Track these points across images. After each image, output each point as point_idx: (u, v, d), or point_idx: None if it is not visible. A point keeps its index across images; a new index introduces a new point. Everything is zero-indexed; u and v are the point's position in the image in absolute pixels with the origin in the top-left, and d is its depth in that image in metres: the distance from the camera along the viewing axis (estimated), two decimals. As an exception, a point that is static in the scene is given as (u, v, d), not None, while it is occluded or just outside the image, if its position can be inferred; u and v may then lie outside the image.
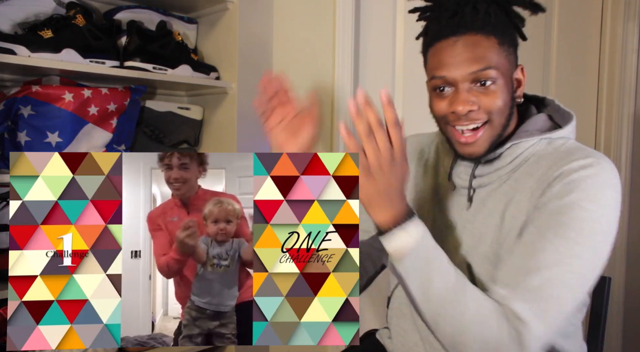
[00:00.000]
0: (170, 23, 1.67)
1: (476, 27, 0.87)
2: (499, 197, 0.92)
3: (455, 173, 0.99)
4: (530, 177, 0.89)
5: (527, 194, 0.87)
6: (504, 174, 0.92)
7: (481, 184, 0.95)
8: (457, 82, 0.87)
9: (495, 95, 0.87)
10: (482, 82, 0.86)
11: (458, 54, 0.86)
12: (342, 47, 1.66)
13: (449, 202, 1.00)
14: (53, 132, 1.36)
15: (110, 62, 1.44)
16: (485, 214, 0.93)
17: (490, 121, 0.88)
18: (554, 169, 0.86)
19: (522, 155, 0.91)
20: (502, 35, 0.88)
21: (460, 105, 0.87)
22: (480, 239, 0.92)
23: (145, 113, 1.64)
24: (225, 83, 1.67)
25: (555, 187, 0.84)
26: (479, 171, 0.95)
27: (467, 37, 0.87)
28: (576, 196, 0.82)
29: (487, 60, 0.86)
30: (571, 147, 0.90)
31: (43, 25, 1.35)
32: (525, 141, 0.91)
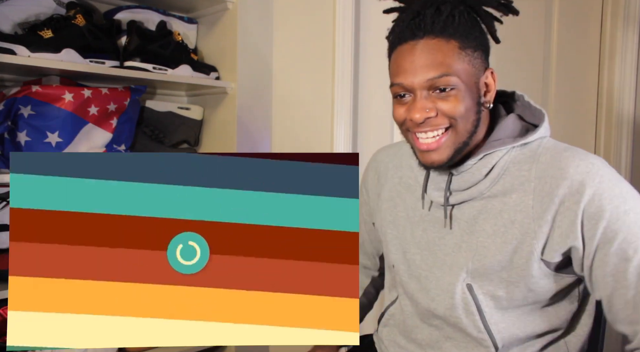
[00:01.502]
0: (170, 23, 1.67)
1: (435, 30, 0.83)
2: (493, 215, 0.88)
3: (429, 190, 0.95)
4: (524, 191, 0.86)
5: (530, 214, 0.85)
6: (485, 188, 0.89)
7: (461, 199, 0.91)
8: (414, 89, 0.84)
9: (455, 100, 0.83)
10: (441, 88, 0.83)
11: (415, 59, 0.83)
12: (342, 47, 1.66)
13: (431, 221, 0.96)
14: (53, 132, 1.36)
15: (110, 62, 1.44)
16: (483, 235, 0.89)
17: (452, 127, 0.85)
18: (550, 184, 0.83)
19: (499, 166, 0.88)
20: (465, 38, 0.84)
21: (417, 113, 0.83)
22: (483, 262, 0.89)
23: (145, 113, 1.63)
24: (225, 83, 1.67)
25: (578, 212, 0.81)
26: (455, 186, 0.91)
27: (426, 41, 0.83)
28: (611, 205, 0.80)
29: (446, 66, 0.82)
30: (550, 148, 0.87)
31: (43, 25, 1.35)
32: (499, 150, 0.88)
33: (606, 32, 2.27)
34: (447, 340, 0.95)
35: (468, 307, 0.90)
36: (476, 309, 0.90)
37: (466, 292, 0.90)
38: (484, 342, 0.90)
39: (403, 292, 1.02)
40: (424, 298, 0.96)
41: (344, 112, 1.71)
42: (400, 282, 1.01)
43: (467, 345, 0.93)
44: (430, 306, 0.95)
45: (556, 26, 2.13)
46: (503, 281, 0.88)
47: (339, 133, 1.73)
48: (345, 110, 1.71)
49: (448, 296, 0.92)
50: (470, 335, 0.91)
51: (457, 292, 0.91)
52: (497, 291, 0.89)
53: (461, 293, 0.91)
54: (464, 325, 0.91)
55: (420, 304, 0.97)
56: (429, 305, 0.95)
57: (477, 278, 0.90)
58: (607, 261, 0.82)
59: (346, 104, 1.70)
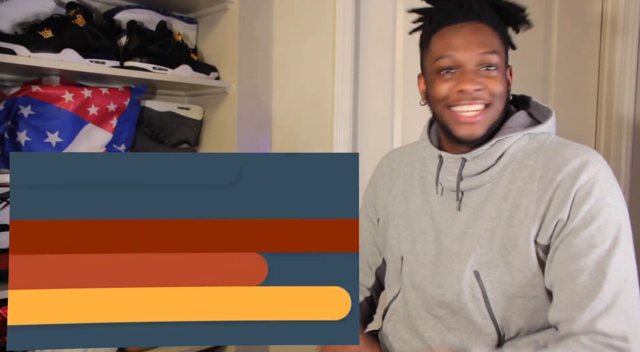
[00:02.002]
0: (170, 23, 1.67)
1: (483, 17, 0.92)
2: (498, 200, 0.92)
3: (441, 176, 0.99)
4: (529, 178, 0.90)
5: (534, 199, 0.88)
6: (495, 173, 0.93)
7: (472, 185, 0.95)
8: (464, 62, 0.90)
9: (497, 80, 0.91)
10: (486, 66, 0.90)
11: (466, 36, 0.91)
12: (342, 47, 1.66)
13: (441, 208, 0.99)
14: (53, 132, 1.36)
15: (110, 62, 1.44)
16: (487, 219, 0.93)
17: (491, 104, 0.91)
18: (553, 170, 0.88)
19: (509, 152, 0.93)
20: (501, 31, 0.94)
21: (469, 84, 0.89)
22: (490, 248, 0.92)
23: (145, 113, 1.64)
24: (225, 83, 1.67)
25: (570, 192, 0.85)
26: (467, 171, 0.95)
27: (474, 24, 0.91)
28: (598, 194, 0.85)
29: (493, 45, 0.91)
30: (556, 141, 0.94)
31: (43, 25, 1.35)
32: (510, 137, 0.93)
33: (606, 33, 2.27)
34: (450, 331, 0.96)
35: (474, 294, 0.92)
36: (482, 295, 0.92)
37: (473, 278, 0.92)
38: (488, 329, 0.92)
39: (409, 283, 1.03)
40: (431, 286, 0.98)
41: (344, 112, 1.71)
42: (409, 272, 1.03)
43: (470, 335, 0.94)
44: (437, 293, 0.96)
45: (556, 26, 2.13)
46: (509, 266, 0.90)
47: (339, 133, 1.73)
48: (345, 110, 1.71)
49: (456, 282, 0.94)
50: (475, 322, 0.92)
51: (465, 278, 0.93)
52: (503, 277, 0.91)
53: (469, 280, 0.93)
54: (469, 311, 0.92)
55: (428, 292, 0.98)
56: (436, 292, 0.97)
57: (484, 265, 0.92)
58: (574, 243, 0.85)
59: (346, 104, 1.70)
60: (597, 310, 0.82)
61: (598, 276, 0.83)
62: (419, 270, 1.00)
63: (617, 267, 0.83)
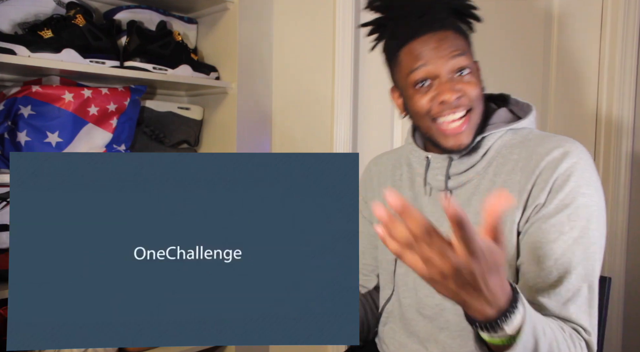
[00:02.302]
0: (170, 23, 1.67)
1: (447, 25, 0.91)
2: (484, 194, 0.93)
3: (429, 177, 1.00)
4: (512, 170, 0.91)
5: (517, 189, 0.90)
6: (481, 169, 0.94)
7: (460, 183, 0.96)
8: (439, 72, 0.90)
9: (473, 84, 0.91)
10: (461, 71, 0.90)
11: (436, 46, 0.90)
12: (342, 47, 1.66)
13: (431, 208, 1.00)
14: (53, 132, 1.36)
15: (110, 62, 1.44)
16: (473, 213, 0.93)
17: (472, 109, 0.91)
18: (535, 160, 0.89)
19: (494, 148, 0.94)
20: (465, 36, 0.94)
21: (449, 94, 0.89)
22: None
23: (145, 113, 1.64)
24: (225, 83, 1.67)
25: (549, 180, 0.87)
26: (454, 170, 0.96)
27: (441, 33, 0.91)
28: (575, 183, 0.86)
29: (461, 48, 0.91)
30: (539, 135, 0.94)
31: (43, 25, 1.35)
32: (493, 133, 0.94)
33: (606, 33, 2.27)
34: (441, 331, 0.96)
35: None
36: None
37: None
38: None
39: (404, 284, 1.03)
40: (424, 284, 0.97)
41: (344, 112, 1.71)
42: (402, 273, 1.03)
43: (460, 333, 0.94)
44: (429, 291, 0.97)
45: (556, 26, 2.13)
46: None
47: (339, 133, 1.73)
48: (345, 110, 1.71)
49: None
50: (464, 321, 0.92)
51: None
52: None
53: None
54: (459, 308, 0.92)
55: (421, 291, 0.99)
56: (429, 290, 0.97)
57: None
58: (543, 228, 0.86)
59: (346, 104, 1.70)
60: (563, 297, 0.83)
61: (563, 263, 0.84)
62: (410, 271, 1.00)
63: (583, 256, 0.85)
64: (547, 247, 0.86)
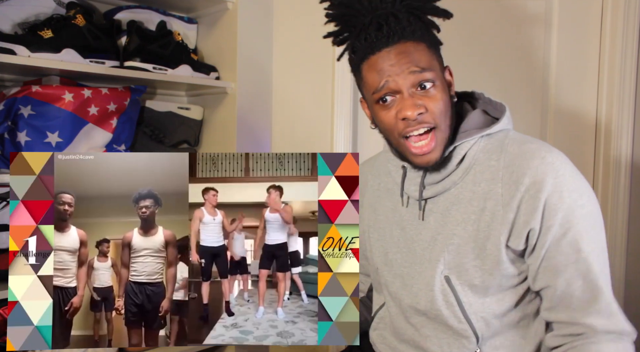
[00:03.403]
0: (170, 23, 1.67)
1: (406, 35, 0.88)
2: (464, 204, 0.92)
3: (406, 187, 0.99)
4: (492, 180, 0.90)
5: (500, 202, 0.88)
6: (457, 178, 0.93)
7: (435, 192, 0.95)
8: (400, 89, 0.88)
9: (436, 97, 0.88)
10: (422, 85, 0.88)
11: (395, 62, 0.87)
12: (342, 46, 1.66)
13: (409, 218, 1.00)
14: (53, 132, 1.36)
15: (110, 62, 1.44)
16: (454, 223, 0.93)
17: (437, 126, 0.89)
18: (517, 173, 0.88)
19: (469, 156, 0.93)
20: (428, 39, 0.90)
21: (410, 110, 0.87)
22: (458, 252, 0.92)
23: (145, 113, 1.63)
24: (225, 83, 1.67)
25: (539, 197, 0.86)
26: (429, 179, 0.95)
27: (399, 46, 0.88)
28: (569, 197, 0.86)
29: (423, 63, 0.88)
30: (516, 139, 0.92)
31: (43, 25, 1.35)
32: (467, 141, 0.93)
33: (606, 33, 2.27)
34: (428, 339, 0.97)
35: (447, 299, 0.93)
36: (455, 299, 0.92)
37: (444, 283, 0.93)
38: (465, 333, 0.92)
39: (388, 293, 1.04)
40: (407, 295, 0.98)
41: (344, 112, 1.71)
42: (385, 283, 1.04)
43: (448, 340, 0.94)
44: (412, 301, 0.97)
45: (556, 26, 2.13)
46: (478, 270, 0.91)
47: (339, 133, 1.73)
48: (345, 110, 1.71)
49: (428, 289, 0.94)
50: (452, 327, 0.93)
51: (437, 284, 0.93)
52: (473, 280, 0.91)
53: (440, 285, 0.93)
54: (445, 317, 0.93)
55: (404, 301, 0.99)
56: (411, 301, 0.97)
57: (453, 269, 0.93)
58: (560, 251, 0.86)
59: (346, 104, 1.70)
60: (605, 310, 0.86)
61: (592, 279, 0.86)
62: (395, 280, 1.01)
63: (603, 264, 0.87)
64: (571, 268, 0.86)
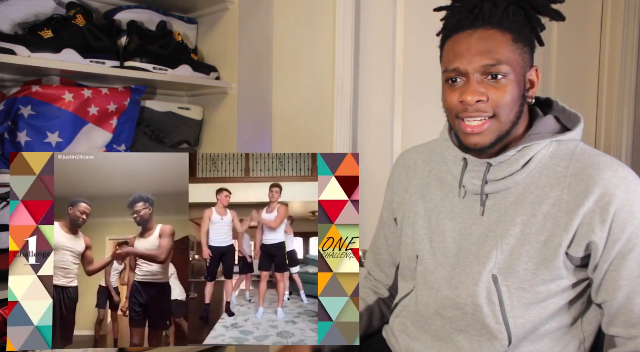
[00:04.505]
0: (170, 23, 1.67)
1: (493, 21, 0.89)
2: (524, 206, 0.91)
3: (466, 179, 0.97)
4: (556, 185, 0.89)
5: (564, 209, 0.88)
6: (521, 179, 0.92)
7: (497, 189, 0.94)
8: (468, 72, 0.89)
9: (505, 89, 0.88)
10: (493, 75, 0.88)
11: (472, 46, 0.89)
12: (342, 47, 1.66)
13: (462, 210, 0.99)
14: (53, 132, 1.36)
15: (110, 62, 1.44)
16: (511, 223, 0.92)
17: (496, 116, 0.89)
18: (587, 181, 0.87)
19: (536, 158, 0.92)
20: (518, 33, 0.90)
21: (470, 95, 0.88)
22: (511, 253, 0.91)
23: (145, 113, 1.63)
24: (225, 83, 1.67)
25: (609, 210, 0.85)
26: (491, 175, 0.94)
27: (483, 31, 0.89)
28: (639, 214, 0.85)
29: (500, 54, 0.88)
30: (587, 151, 0.92)
31: (43, 25, 1.35)
32: (537, 144, 0.92)
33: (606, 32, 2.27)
34: (460, 333, 0.96)
35: (490, 297, 0.92)
36: (498, 299, 0.92)
37: (491, 282, 0.92)
38: (500, 335, 0.92)
39: (423, 282, 1.02)
40: (446, 286, 0.97)
41: (344, 112, 1.71)
42: (423, 272, 1.02)
43: (480, 338, 0.94)
44: (452, 293, 0.96)
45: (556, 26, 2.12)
46: (528, 273, 0.90)
47: (339, 133, 1.73)
48: (345, 110, 1.71)
49: (472, 284, 0.94)
50: (488, 326, 0.92)
51: (482, 280, 0.92)
52: (521, 283, 0.91)
53: (486, 282, 0.92)
54: (484, 314, 0.92)
55: (442, 292, 0.98)
56: (451, 293, 0.96)
57: (503, 269, 0.92)
58: (625, 265, 0.86)
59: (346, 104, 1.70)
60: None
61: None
62: (436, 269, 1.00)
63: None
64: (633, 283, 0.86)
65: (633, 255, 0.86)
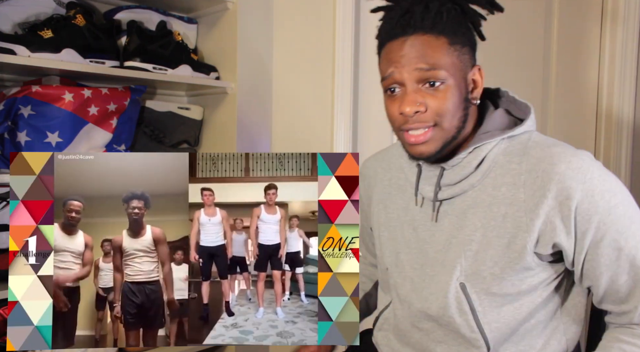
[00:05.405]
0: (170, 23, 1.67)
1: (425, 26, 0.85)
2: (483, 209, 0.89)
3: (421, 186, 0.96)
4: (513, 184, 0.87)
5: (523, 208, 0.86)
6: (476, 181, 0.90)
7: (454, 193, 0.92)
8: (404, 81, 0.85)
9: (444, 96, 0.85)
10: (430, 82, 0.85)
11: (405, 53, 0.85)
12: (342, 47, 1.66)
13: (422, 218, 0.97)
14: (53, 132, 1.36)
15: (110, 62, 1.44)
16: (472, 228, 0.90)
17: (438, 124, 0.86)
18: (542, 178, 0.84)
19: (488, 158, 0.89)
20: (453, 35, 0.86)
21: (408, 106, 0.85)
22: (475, 258, 0.90)
23: (145, 113, 1.63)
24: (225, 83, 1.67)
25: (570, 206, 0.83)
26: (446, 180, 0.92)
27: (416, 37, 0.85)
28: (602, 199, 0.83)
29: (435, 59, 0.84)
30: (539, 142, 0.89)
31: (43, 25, 1.35)
32: (488, 143, 0.89)
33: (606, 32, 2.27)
34: (438, 344, 0.95)
35: (461, 307, 0.91)
36: (469, 308, 0.90)
37: (459, 291, 0.91)
38: (477, 343, 0.90)
39: (396, 295, 1.01)
40: (417, 299, 0.96)
41: (344, 112, 1.71)
42: (394, 284, 1.01)
43: (458, 347, 0.93)
44: (423, 306, 0.95)
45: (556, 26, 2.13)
46: (495, 278, 0.89)
47: (339, 133, 1.73)
48: (345, 110, 1.71)
49: (441, 295, 0.92)
50: (464, 336, 0.91)
51: (451, 291, 0.91)
52: (490, 288, 0.89)
53: (455, 292, 0.91)
54: (457, 325, 0.91)
55: (414, 305, 0.97)
56: (422, 305, 0.95)
57: (470, 276, 0.90)
58: (600, 253, 0.85)
59: (346, 104, 1.70)
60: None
61: (637, 272, 0.85)
62: (404, 283, 0.99)
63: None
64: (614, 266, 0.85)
65: (606, 241, 0.84)
